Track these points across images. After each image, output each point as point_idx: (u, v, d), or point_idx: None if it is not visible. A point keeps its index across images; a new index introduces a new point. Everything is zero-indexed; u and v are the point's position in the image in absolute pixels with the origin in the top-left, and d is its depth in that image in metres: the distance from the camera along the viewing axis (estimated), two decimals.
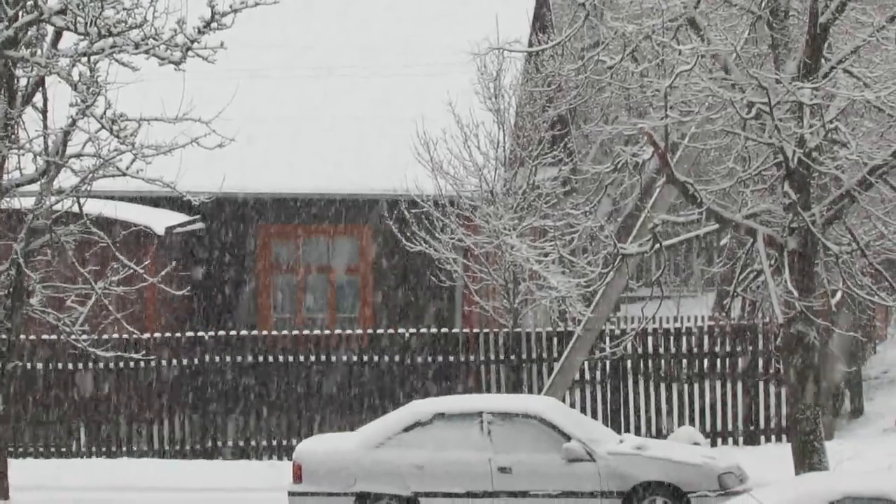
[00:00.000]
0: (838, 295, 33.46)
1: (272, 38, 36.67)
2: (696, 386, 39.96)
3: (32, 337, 34.51)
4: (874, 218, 32.77)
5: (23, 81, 30.69)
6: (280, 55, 40.75)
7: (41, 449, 39.57)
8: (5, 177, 30.95)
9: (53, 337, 33.99)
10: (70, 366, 39.78)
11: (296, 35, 41.18)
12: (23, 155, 31.10)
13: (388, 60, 45.48)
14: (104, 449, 40.57)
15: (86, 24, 30.06)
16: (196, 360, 40.75)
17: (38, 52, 30.46)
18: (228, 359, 40.92)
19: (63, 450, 40.17)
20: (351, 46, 45.75)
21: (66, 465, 38.64)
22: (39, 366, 39.56)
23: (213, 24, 30.01)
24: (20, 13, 29.89)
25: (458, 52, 40.66)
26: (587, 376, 39.59)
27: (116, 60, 30.33)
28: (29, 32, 30.44)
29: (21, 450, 37.26)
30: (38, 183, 31.00)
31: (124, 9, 30.35)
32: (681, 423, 38.93)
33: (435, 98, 41.69)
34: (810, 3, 30.62)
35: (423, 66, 43.79)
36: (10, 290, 31.02)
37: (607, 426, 36.38)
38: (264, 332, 41.99)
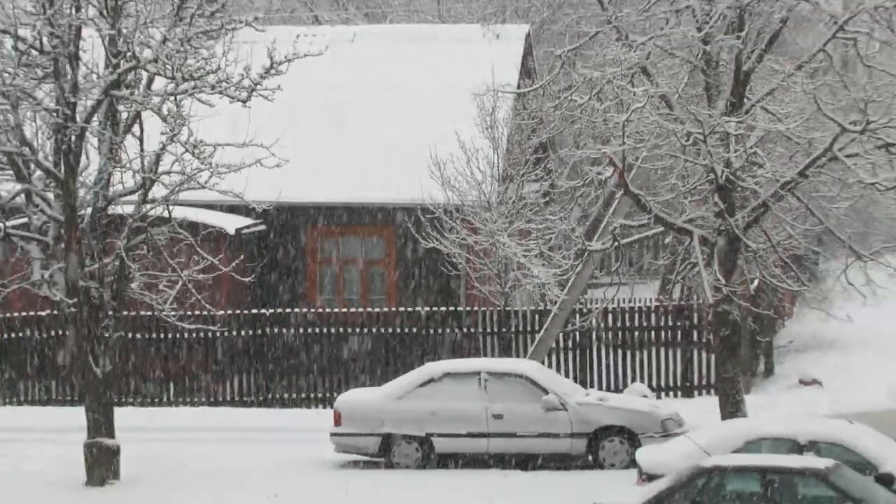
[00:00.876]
0: (756, 282, 34.47)
1: (316, 82, 36.33)
2: (644, 352, 41.00)
3: (133, 313, 33.98)
4: (784, 222, 34.05)
5: (124, 115, 31.31)
6: (323, 94, 40.26)
7: (139, 400, 40.47)
8: (111, 189, 31.70)
9: (149, 313, 33.36)
10: (161, 335, 40.30)
11: (334, 77, 40.85)
12: (124, 172, 31.71)
13: (408, 99, 46.11)
14: (188, 400, 41.39)
15: (173, 70, 30.96)
16: (258, 332, 41.41)
17: (136, 92, 31.09)
18: (283, 330, 41.37)
19: (156, 401, 41.12)
20: (377, 87, 46.74)
21: (158, 413, 39.76)
22: (138, 335, 39.84)
23: (272, 71, 30.63)
24: (122, 62, 30.31)
25: (463, 93, 40.47)
26: (561, 344, 40.52)
27: (196, 98, 31.04)
28: (129, 77, 30.99)
29: (124, 401, 37.89)
30: (137, 194, 31.74)
31: (203, 58, 31.10)
32: (633, 381, 40.03)
33: (444, 128, 43.09)
34: (735, 56, 31.77)
35: (435, 104, 44.89)
36: (115, 277, 31.54)
37: (576, 383, 37.06)
38: (310, 310, 42.65)
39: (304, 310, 42.30)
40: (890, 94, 32.76)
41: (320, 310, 42.48)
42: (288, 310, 41.97)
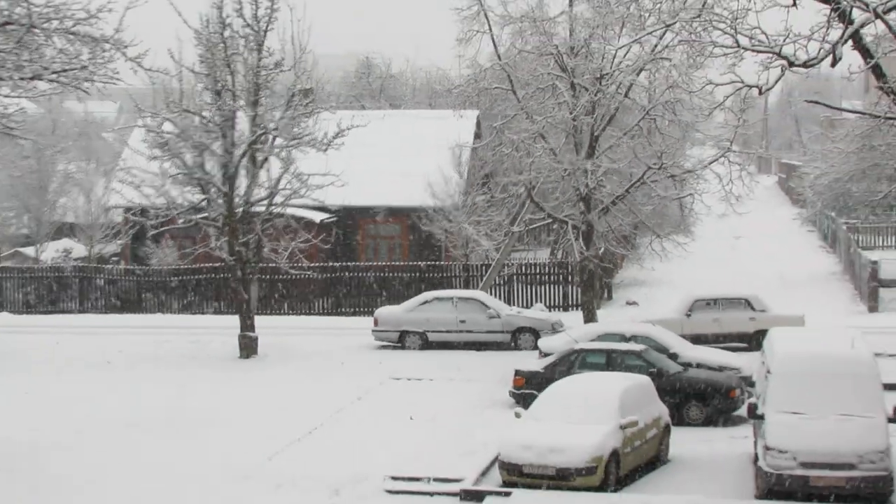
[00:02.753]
0: (602, 249, 32.99)
1: (362, 139, 35.92)
2: (542, 287, 39.59)
3: (263, 264, 34.07)
4: (618, 217, 33.35)
5: (259, 157, 31.01)
6: (366, 146, 40.27)
7: (267, 312, 38.66)
8: (252, 197, 31.19)
9: (273, 264, 33.29)
10: (279, 276, 38.46)
11: (372, 136, 40.45)
12: (259, 187, 31.34)
13: (412, 148, 44.71)
14: (296, 312, 40.13)
15: (286, 134, 31.11)
16: (333, 275, 40.14)
17: (265, 146, 31.13)
18: (346, 274, 40.22)
19: (276, 313, 39.63)
20: (396, 142, 45.21)
21: (277, 319, 38.53)
22: (266, 276, 38.67)
23: (339, 134, 31.00)
24: (257, 129, 30.64)
25: (443, 146, 40.96)
26: (497, 282, 38.90)
27: (298, 149, 31.41)
28: (261, 138, 30.83)
29: (260, 312, 35.59)
30: (265, 200, 31.53)
31: (301, 127, 31.07)
32: (535, 302, 38.63)
33: (433, 164, 41.98)
34: (591, 127, 31.45)
35: (427, 151, 43.32)
36: (254, 245, 31.39)
37: (506, 303, 36.33)
38: (359, 263, 41.58)
39: (356, 263, 41.20)
40: (673, 148, 32.97)
41: (366, 263, 41.48)
42: (348, 263, 40.94)
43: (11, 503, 18.75)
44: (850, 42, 15.01)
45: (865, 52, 15.49)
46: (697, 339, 28.91)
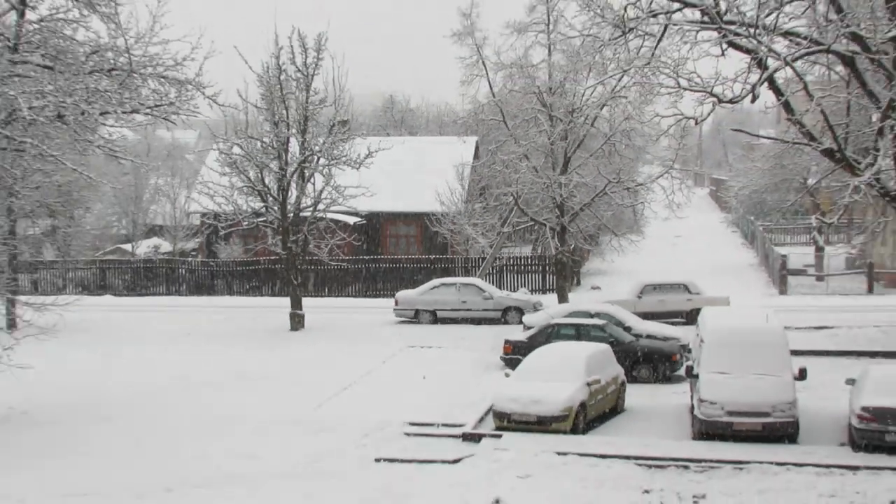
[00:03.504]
0: (573, 245, 32.65)
1: (387, 159, 35.87)
2: (526, 275, 39.06)
3: (309, 257, 33.80)
4: (585, 220, 33.93)
5: (306, 173, 30.86)
6: (391, 164, 39.93)
7: (311, 295, 37.96)
8: (301, 205, 30.98)
9: (316, 257, 33.15)
10: (321, 267, 38.09)
11: (395, 157, 40.23)
12: (306, 197, 31.12)
13: (426, 165, 43.94)
14: (333, 294, 39.63)
15: (328, 156, 30.86)
16: (363, 265, 39.66)
17: (312, 164, 31.01)
18: (374, 265, 39.72)
19: (318, 295, 38.98)
20: (414, 160, 44.46)
21: (319, 300, 37.94)
22: (311, 266, 37.96)
23: (370, 154, 30.70)
24: (305, 151, 30.61)
25: (450, 164, 41.07)
26: (490, 271, 38.50)
27: (337, 167, 31.07)
28: (309, 158, 30.74)
29: (306, 294, 35.15)
30: (311, 207, 31.23)
31: (342, 149, 30.63)
32: (521, 287, 38.60)
33: (441, 179, 41.41)
34: (564, 149, 31.44)
35: (437, 168, 42.52)
36: (302, 242, 31.33)
37: (498, 288, 35.62)
38: (382, 256, 40.96)
39: (380, 256, 40.59)
40: (628, 166, 32.94)
41: (388, 256, 40.86)
42: (374, 256, 40.45)
43: (101, 439, 18.81)
44: (766, 84, 15.11)
45: (778, 92, 15.60)
46: (646, 316, 28.81)
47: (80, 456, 17.78)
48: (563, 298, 31.82)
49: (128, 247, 47.38)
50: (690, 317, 29.43)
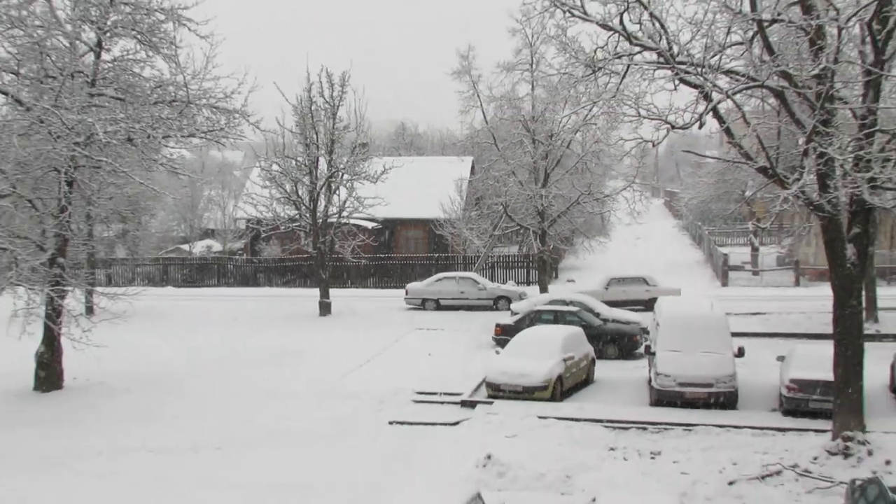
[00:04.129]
0: (552, 245, 32.45)
1: (399, 174, 35.27)
2: (513, 269, 38.41)
3: (335, 255, 33.67)
4: (562, 224, 32.87)
5: (333, 187, 30.41)
6: (401, 179, 39.51)
7: (337, 286, 36.65)
8: (329, 212, 30.54)
9: (341, 256, 32.99)
10: (346, 264, 37.08)
11: (404, 173, 39.62)
12: (332, 206, 30.73)
13: (430, 180, 43.09)
14: (355, 286, 38.79)
15: (350, 172, 30.74)
16: (379, 262, 38.95)
17: (337, 179, 30.80)
18: (388, 262, 39.13)
19: (342, 287, 38.05)
20: (421, 176, 43.40)
21: (343, 290, 37.06)
22: (336, 263, 36.94)
23: (385, 171, 30.71)
24: (332, 169, 30.37)
25: (450, 179, 40.59)
26: (484, 267, 37.89)
27: (358, 181, 30.94)
28: (334, 174, 30.39)
29: (333, 287, 34.50)
30: (336, 214, 30.98)
31: (362, 166, 30.40)
32: (509, 280, 37.82)
33: (443, 191, 40.69)
34: (545, 167, 30.74)
35: (440, 182, 41.88)
36: (329, 243, 31.04)
37: (490, 280, 35.95)
38: (395, 255, 40.41)
39: (394, 255, 40.13)
40: (597, 181, 32.49)
41: (400, 255, 40.24)
42: (389, 255, 40.07)
43: (164, 405, 18.89)
44: (711, 113, 15.21)
45: (721, 120, 15.68)
46: (612, 304, 28.66)
47: (147, 419, 17.83)
48: (543, 289, 31.44)
49: (186, 247, 47.24)
50: (648, 305, 29.19)
